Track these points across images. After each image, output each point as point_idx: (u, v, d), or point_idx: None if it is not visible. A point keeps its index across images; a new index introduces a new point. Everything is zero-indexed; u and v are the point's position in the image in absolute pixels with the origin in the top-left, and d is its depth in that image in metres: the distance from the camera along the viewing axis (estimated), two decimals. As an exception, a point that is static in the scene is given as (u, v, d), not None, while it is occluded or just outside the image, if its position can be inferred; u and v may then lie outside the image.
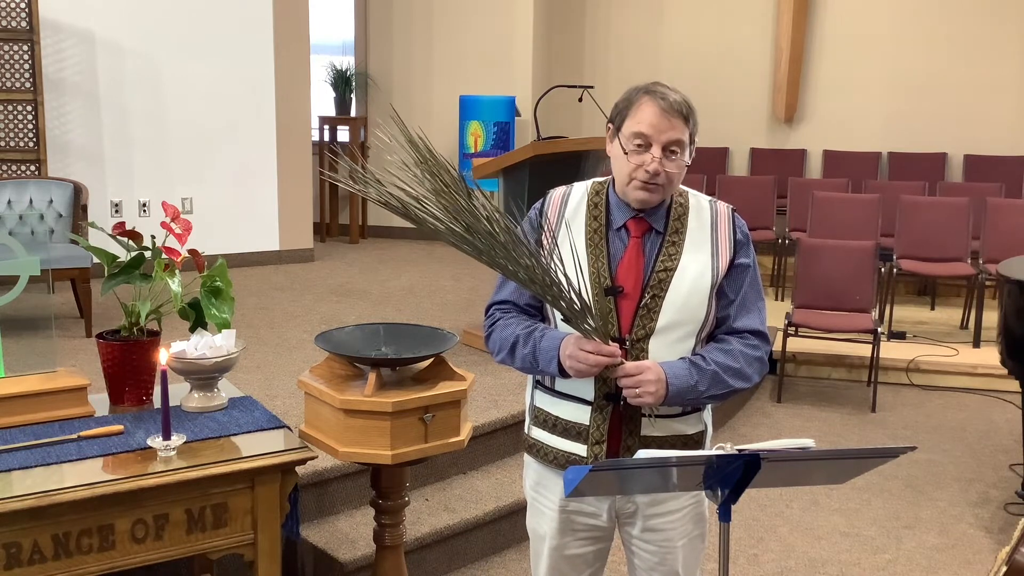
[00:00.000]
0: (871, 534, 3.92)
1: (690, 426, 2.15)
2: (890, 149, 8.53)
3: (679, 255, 2.08)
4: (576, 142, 4.74)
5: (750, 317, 2.11)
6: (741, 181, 8.12)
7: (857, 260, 5.65)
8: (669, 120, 2.04)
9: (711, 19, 8.82)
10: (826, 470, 1.89)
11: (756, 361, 2.10)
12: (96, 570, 2.22)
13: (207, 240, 3.42)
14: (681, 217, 2.13)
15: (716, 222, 2.13)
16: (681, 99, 2.08)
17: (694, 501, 2.20)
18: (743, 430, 5.06)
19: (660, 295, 2.05)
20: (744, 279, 2.11)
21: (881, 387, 5.59)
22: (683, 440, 2.13)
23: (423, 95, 8.67)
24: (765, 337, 2.13)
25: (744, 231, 2.15)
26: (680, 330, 2.06)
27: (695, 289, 2.07)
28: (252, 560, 2.42)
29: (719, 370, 2.03)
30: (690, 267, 2.07)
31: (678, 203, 2.14)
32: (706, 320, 2.08)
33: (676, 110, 2.05)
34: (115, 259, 2.65)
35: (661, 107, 2.04)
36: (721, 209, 2.17)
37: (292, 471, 2.45)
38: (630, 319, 2.05)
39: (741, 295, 2.11)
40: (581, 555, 2.24)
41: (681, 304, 2.06)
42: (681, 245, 2.09)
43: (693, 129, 2.10)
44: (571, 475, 1.75)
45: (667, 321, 2.06)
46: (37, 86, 6.02)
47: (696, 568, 2.25)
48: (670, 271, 2.07)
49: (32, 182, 5.69)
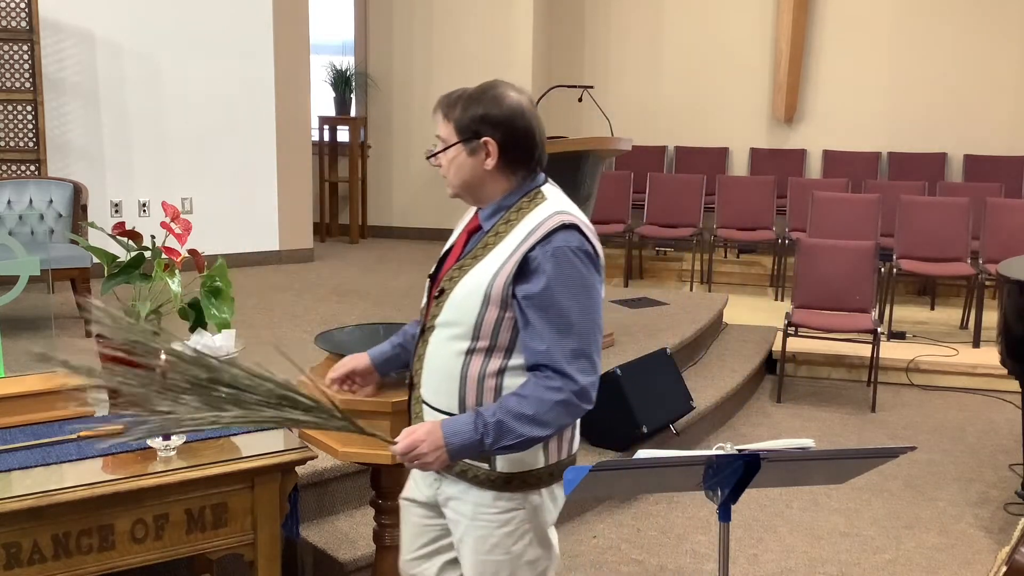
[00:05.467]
0: (871, 534, 3.92)
1: (484, 462, 2.03)
2: (890, 149, 8.53)
3: (483, 257, 2.01)
4: (576, 142, 4.73)
5: (543, 347, 1.91)
6: (741, 181, 8.12)
7: (857, 260, 5.65)
8: (433, 117, 2.06)
9: (711, 19, 8.82)
10: (826, 470, 1.89)
11: (557, 406, 1.90)
12: (96, 570, 2.22)
13: (207, 240, 3.42)
14: (511, 222, 2.01)
15: (529, 235, 1.96)
16: (449, 94, 2.04)
17: (490, 522, 2.06)
18: (743, 430, 5.06)
19: (449, 290, 2.04)
20: (529, 305, 1.92)
21: (881, 387, 5.59)
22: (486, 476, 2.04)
23: (423, 95, 8.66)
24: (566, 375, 1.90)
25: (549, 253, 1.92)
26: (454, 328, 2.01)
27: (472, 292, 1.98)
28: (252, 560, 2.42)
29: (506, 419, 1.88)
30: (480, 271, 1.99)
31: (520, 208, 2.02)
32: (478, 327, 1.97)
33: (435, 107, 2.05)
34: (115, 259, 2.66)
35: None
36: (543, 224, 1.96)
37: (292, 471, 2.45)
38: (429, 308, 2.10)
39: (528, 321, 1.93)
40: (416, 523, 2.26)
41: (458, 303, 2.00)
42: (492, 248, 2.00)
43: (459, 117, 1.99)
44: (571, 475, 1.75)
45: (446, 317, 2.03)
46: (37, 86, 6.02)
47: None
48: (464, 269, 2.02)
49: (32, 182, 5.69)
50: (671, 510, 4.05)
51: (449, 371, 2.02)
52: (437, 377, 2.05)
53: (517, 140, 1.99)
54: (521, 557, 2.10)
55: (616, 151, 5.03)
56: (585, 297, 1.94)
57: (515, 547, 2.08)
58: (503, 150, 1.98)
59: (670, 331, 5.37)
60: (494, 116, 1.97)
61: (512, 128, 1.98)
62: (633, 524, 3.93)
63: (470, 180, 2.03)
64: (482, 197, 2.06)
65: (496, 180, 2.02)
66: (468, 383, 2.00)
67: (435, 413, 2.05)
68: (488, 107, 1.98)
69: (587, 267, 1.96)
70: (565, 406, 1.91)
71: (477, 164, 2.00)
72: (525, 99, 2.04)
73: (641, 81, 8.99)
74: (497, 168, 2.00)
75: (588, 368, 1.92)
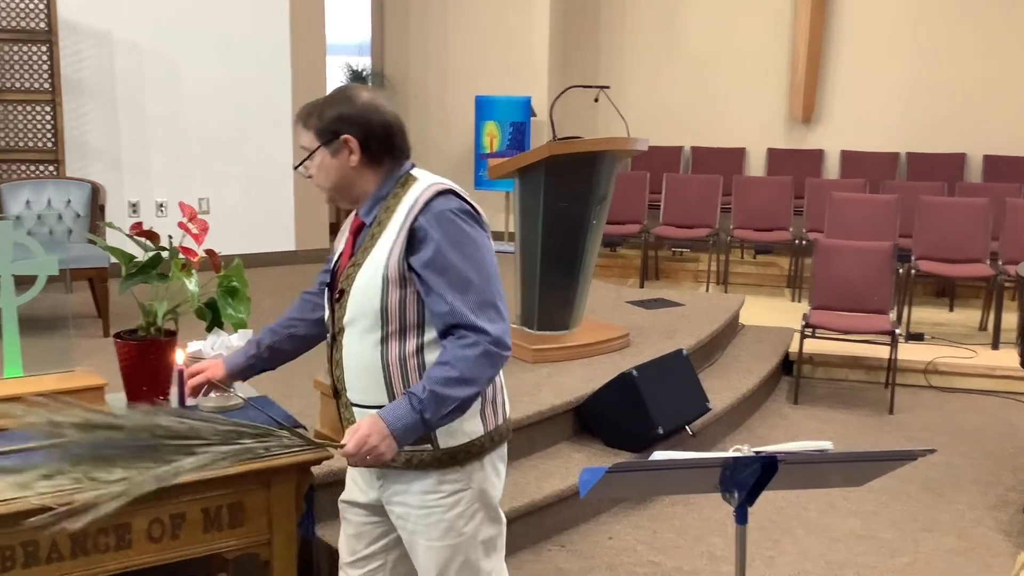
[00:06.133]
0: (889, 537, 3.90)
1: (427, 443, 2.07)
2: (908, 149, 8.48)
3: (372, 248, 2.06)
4: (592, 142, 4.73)
5: (447, 307, 1.96)
6: (758, 181, 8.08)
7: (875, 261, 5.61)
8: (295, 131, 2.15)
9: (728, 19, 8.80)
10: (844, 472, 1.88)
11: (478, 359, 1.95)
12: (113, 569, 2.23)
13: (223, 240, 3.43)
14: (389, 208, 2.07)
15: (411, 210, 2.02)
16: (304, 107, 2.12)
17: (437, 506, 2.11)
18: (760, 431, 5.04)
19: (348, 289, 2.08)
20: (427, 270, 1.98)
21: (899, 389, 5.55)
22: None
23: (439, 95, 8.67)
24: (476, 328, 1.96)
25: (431, 218, 1.99)
26: (362, 322, 2.05)
27: (370, 281, 2.04)
28: (268, 560, 2.42)
29: (437, 388, 1.93)
30: (373, 259, 2.05)
31: (395, 194, 2.08)
32: (385, 312, 2.02)
33: (294, 121, 2.14)
34: (132, 259, 2.66)
35: None
36: (420, 196, 2.03)
37: (308, 471, 2.45)
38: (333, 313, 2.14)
39: (429, 287, 1.99)
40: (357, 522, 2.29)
41: (360, 297, 2.05)
42: (378, 237, 2.06)
43: (317, 124, 2.07)
44: (587, 476, 1.74)
45: (351, 315, 2.07)
46: (56, 87, 6.06)
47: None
48: (358, 265, 2.07)
49: (51, 182, 5.72)
50: (687, 512, 4.04)
51: (369, 366, 2.07)
52: (359, 375, 2.09)
53: (375, 132, 2.06)
54: (475, 538, 2.14)
55: (632, 151, 5.02)
56: (475, 251, 2.01)
57: (467, 528, 2.13)
58: (364, 144, 2.05)
59: (686, 332, 5.35)
60: (349, 114, 2.05)
61: (368, 122, 2.05)
62: (649, 526, 3.92)
63: (340, 180, 2.10)
64: (356, 195, 2.12)
65: (364, 175, 2.09)
66: (391, 370, 2.05)
67: (367, 412, 2.06)
68: (341, 107, 2.06)
69: (470, 225, 2.03)
70: (486, 357, 1.96)
71: (343, 163, 2.07)
72: (378, 96, 2.11)
73: (657, 81, 8.97)
74: (362, 163, 2.07)
75: (496, 316, 1.99)
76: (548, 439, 4.15)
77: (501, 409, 2.19)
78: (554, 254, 4.72)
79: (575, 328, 4.93)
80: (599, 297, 5.96)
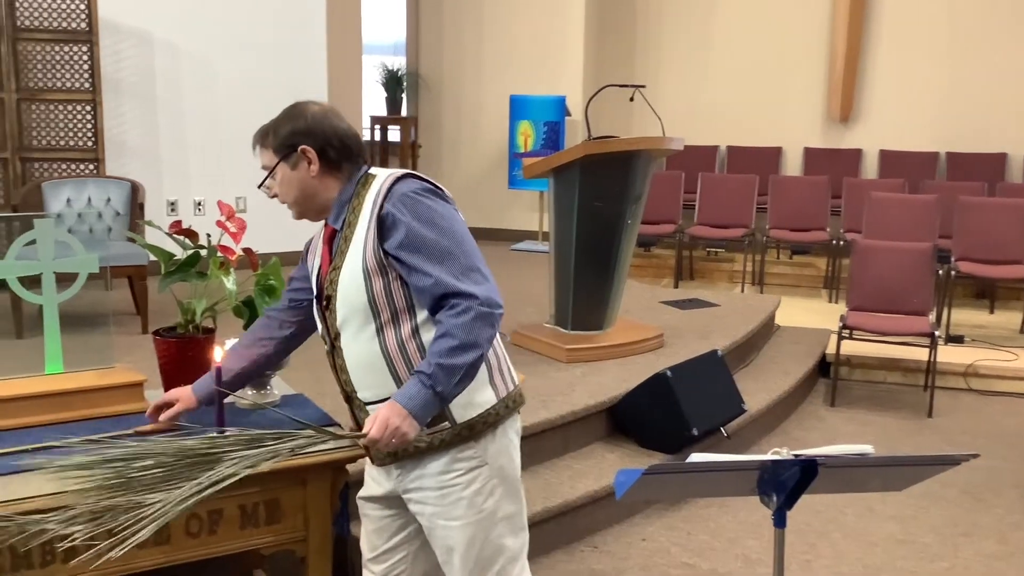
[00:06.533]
0: (928, 541, 3.84)
1: (444, 421, 2.12)
2: (948, 149, 8.36)
3: (348, 248, 2.11)
4: (627, 142, 4.71)
5: (431, 280, 2.00)
6: (794, 181, 8.01)
7: (914, 262, 5.54)
8: (254, 154, 2.21)
9: (765, 17, 8.72)
10: (884, 477, 1.85)
11: (474, 322, 1.97)
12: (151, 564, 2.25)
13: (260, 239, 3.45)
14: (356, 209, 2.12)
15: (375, 201, 2.07)
16: (258, 130, 2.21)
17: (454, 484, 2.13)
18: (796, 434, 4.99)
19: (334, 294, 2.12)
20: (403, 251, 2.02)
21: (938, 392, 5.48)
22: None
23: (473, 95, 8.68)
24: (464, 293, 1.99)
25: (396, 203, 2.04)
26: (354, 320, 2.10)
27: (351, 279, 2.08)
28: (303, 556, 2.43)
29: (442, 360, 1.96)
30: (351, 258, 2.09)
31: (358, 194, 2.14)
32: (372, 303, 2.07)
33: (252, 145, 2.21)
34: (172, 257, 2.69)
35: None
36: (382, 186, 2.09)
37: (343, 469, 2.46)
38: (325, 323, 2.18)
39: (410, 267, 2.02)
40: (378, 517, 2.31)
41: (346, 297, 2.10)
42: (351, 237, 2.11)
43: (274, 144, 2.15)
44: (623, 477, 1.73)
45: (342, 317, 2.11)
46: (96, 86, 6.13)
47: (471, 557, 2.16)
48: (338, 268, 2.12)
49: (91, 181, 5.80)
50: (722, 514, 4.01)
51: (371, 359, 2.10)
52: (365, 373, 2.13)
53: (329, 140, 2.12)
54: (495, 514, 2.16)
55: (668, 151, 4.99)
56: (446, 223, 2.05)
57: (486, 504, 2.15)
58: (321, 153, 2.12)
59: (721, 333, 5.31)
60: (301, 127, 2.12)
61: (321, 131, 2.12)
62: (683, 527, 3.90)
63: (303, 192, 2.15)
64: (320, 204, 2.17)
65: (325, 183, 2.15)
66: (393, 358, 2.09)
67: (380, 406, 2.07)
68: (294, 122, 2.14)
69: (434, 200, 2.07)
70: (481, 319, 1.99)
71: (303, 175, 2.14)
72: (326, 107, 2.18)
73: (693, 80, 8.91)
74: (322, 171, 2.13)
75: (480, 278, 2.03)
76: (581, 439, 4.14)
77: (508, 375, 2.22)
78: (588, 254, 4.71)
79: (609, 328, 4.92)
80: (633, 297, 5.93)
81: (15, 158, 6.06)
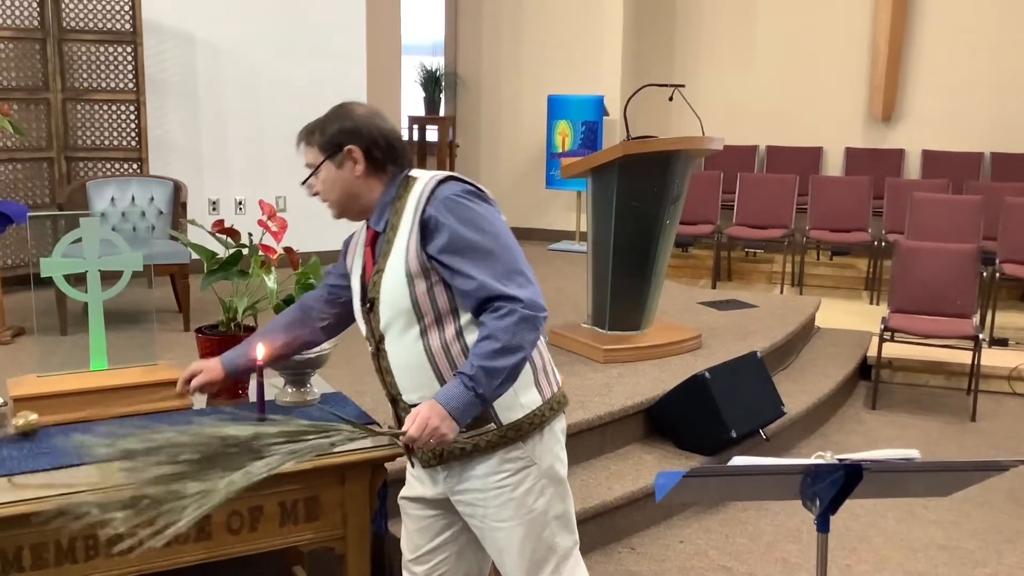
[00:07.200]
0: (970, 547, 3.78)
1: (489, 422, 2.12)
2: (993, 149, 8.23)
3: (391, 251, 2.10)
4: (666, 142, 4.68)
5: (474, 283, 1.99)
6: (835, 181, 7.92)
7: (958, 264, 5.46)
8: (298, 152, 2.21)
9: (805, 15, 8.63)
10: (927, 482, 1.82)
11: (517, 324, 1.97)
12: (193, 559, 2.28)
13: (299, 238, 3.48)
14: (399, 212, 2.11)
15: (418, 204, 2.07)
16: (304, 127, 2.20)
17: (504, 486, 2.13)
18: (835, 437, 4.94)
19: (377, 297, 2.12)
20: (446, 254, 2.01)
21: (982, 395, 5.39)
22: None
23: (511, 95, 8.68)
24: (507, 296, 1.98)
25: (438, 205, 2.03)
26: (397, 324, 2.09)
27: (394, 282, 2.08)
28: (342, 554, 2.45)
29: (484, 362, 1.96)
30: (394, 262, 2.09)
31: (400, 197, 2.13)
32: (416, 306, 2.06)
33: (296, 142, 2.20)
34: (214, 256, 2.72)
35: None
36: (425, 189, 2.08)
37: (381, 467, 2.47)
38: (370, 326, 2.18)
39: (453, 270, 2.02)
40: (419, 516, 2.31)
41: (389, 300, 2.09)
42: (394, 240, 2.10)
43: (320, 141, 2.14)
44: (663, 480, 1.72)
45: (386, 320, 2.11)
46: (140, 87, 6.21)
47: (524, 557, 2.16)
48: (382, 271, 2.12)
49: (134, 180, 5.87)
50: (760, 517, 3.98)
51: (416, 362, 2.10)
52: (410, 374, 2.13)
53: (375, 141, 2.12)
54: (547, 513, 2.16)
55: (707, 151, 4.96)
56: (489, 225, 2.04)
57: (537, 504, 2.14)
58: (367, 154, 2.12)
59: (760, 334, 5.27)
60: (348, 127, 2.12)
61: (369, 132, 2.12)
62: (721, 530, 3.87)
63: (346, 191, 2.15)
64: (363, 205, 2.17)
65: (369, 184, 2.14)
66: (437, 360, 2.08)
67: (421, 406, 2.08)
68: (341, 122, 2.13)
69: (476, 203, 2.06)
70: (524, 322, 1.99)
71: (348, 174, 2.13)
72: (372, 108, 2.18)
73: (732, 79, 8.84)
74: (367, 172, 2.13)
75: (524, 281, 2.02)
76: (619, 440, 4.12)
77: (553, 377, 2.22)
78: (626, 254, 4.69)
79: (647, 328, 4.90)
80: (671, 298, 5.90)
81: (60, 157, 6.16)
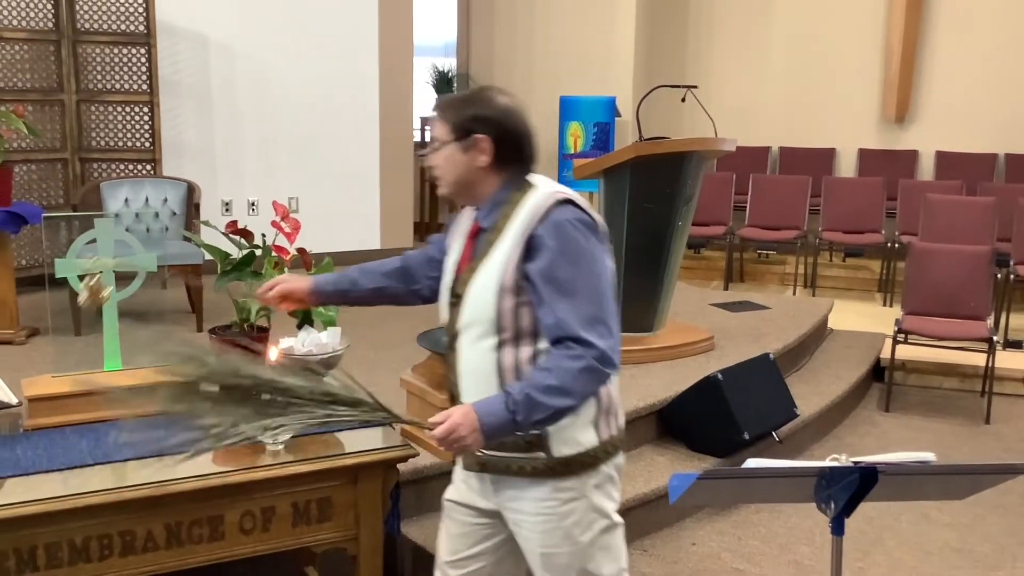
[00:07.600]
0: (985, 551, 3.76)
1: (540, 450, 2.06)
2: (1007, 150, 8.18)
3: (490, 255, 2.05)
4: (679, 143, 4.67)
5: (555, 319, 1.95)
6: (848, 182, 7.89)
7: (972, 265, 5.43)
8: (431, 120, 2.14)
9: (818, 16, 8.61)
10: (942, 485, 1.81)
11: (581, 372, 1.92)
12: (206, 559, 2.28)
13: (312, 239, 3.49)
14: (509, 215, 2.05)
15: (530, 219, 2.01)
16: (444, 97, 2.15)
17: (553, 514, 2.08)
18: (849, 439, 4.91)
19: (464, 293, 2.08)
20: (538, 280, 1.97)
21: (996, 398, 5.36)
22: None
23: (523, 96, 8.54)
24: (583, 341, 1.93)
25: (549, 227, 1.98)
26: (476, 329, 2.05)
27: (484, 288, 2.03)
28: (355, 555, 2.45)
29: (533, 393, 1.91)
30: (490, 266, 2.04)
31: (513, 200, 2.07)
32: (500, 321, 2.01)
33: (433, 109, 2.15)
34: (227, 256, 2.73)
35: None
36: (540, 205, 2.02)
37: (394, 468, 2.47)
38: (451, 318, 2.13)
39: (541, 297, 1.97)
40: (462, 521, 2.26)
41: (475, 302, 2.05)
42: (496, 244, 2.05)
43: (453, 118, 2.07)
44: (677, 482, 1.72)
45: (466, 320, 2.07)
46: (153, 88, 6.24)
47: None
48: (475, 271, 2.07)
49: (148, 181, 5.89)
50: (773, 519, 3.96)
51: (485, 371, 2.06)
52: (475, 381, 2.08)
53: (509, 138, 2.06)
54: (592, 545, 2.12)
55: (720, 152, 4.94)
56: (589, 265, 1.99)
57: (583, 536, 2.10)
58: (496, 147, 2.05)
59: (773, 336, 5.25)
60: (486, 115, 2.05)
61: (504, 126, 2.06)
62: (734, 532, 3.85)
63: (463, 177, 2.09)
64: (476, 195, 2.11)
65: (488, 177, 2.08)
66: (506, 376, 2.03)
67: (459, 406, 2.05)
68: (481, 108, 2.06)
69: (586, 237, 2.00)
70: (589, 372, 1.94)
71: (471, 161, 2.06)
72: (514, 102, 2.11)
73: (745, 80, 8.82)
74: (490, 166, 2.07)
75: (605, 332, 1.96)
76: (631, 442, 4.11)
77: (615, 420, 2.15)
78: (638, 255, 4.68)
79: (659, 330, 4.89)
80: (683, 299, 5.89)
81: (75, 158, 6.19)
